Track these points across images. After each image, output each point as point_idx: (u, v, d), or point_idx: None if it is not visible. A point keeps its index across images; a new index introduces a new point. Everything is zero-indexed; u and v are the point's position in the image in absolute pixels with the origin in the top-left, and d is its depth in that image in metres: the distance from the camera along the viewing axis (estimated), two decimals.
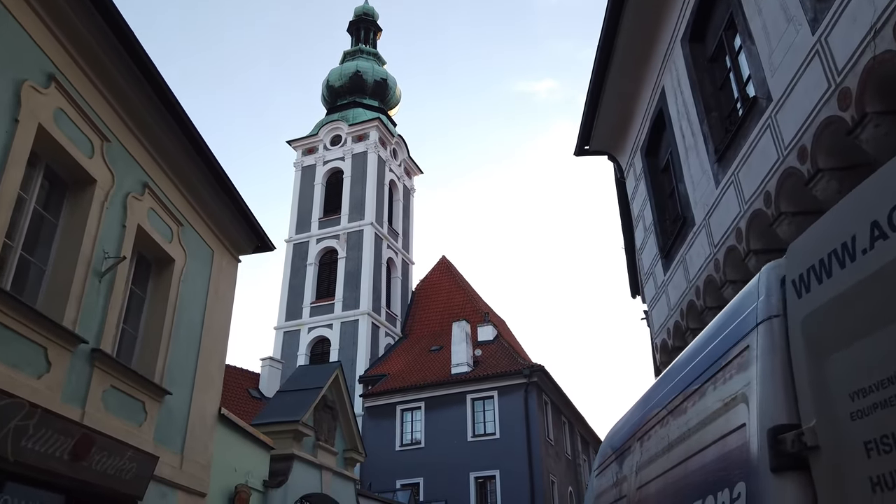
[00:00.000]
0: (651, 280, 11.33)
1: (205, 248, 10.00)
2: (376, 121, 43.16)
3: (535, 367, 30.50)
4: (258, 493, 11.38)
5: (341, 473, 14.67)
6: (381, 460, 31.00)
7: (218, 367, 10.17)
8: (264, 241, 11.32)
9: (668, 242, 10.02)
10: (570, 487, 33.80)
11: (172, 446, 8.70)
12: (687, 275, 9.30)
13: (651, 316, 11.56)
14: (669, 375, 4.39)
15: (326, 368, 14.89)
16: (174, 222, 9.02)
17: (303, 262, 40.83)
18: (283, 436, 12.72)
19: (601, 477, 6.07)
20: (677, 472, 3.85)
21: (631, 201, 12.31)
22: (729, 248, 7.77)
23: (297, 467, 12.79)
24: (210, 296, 10.04)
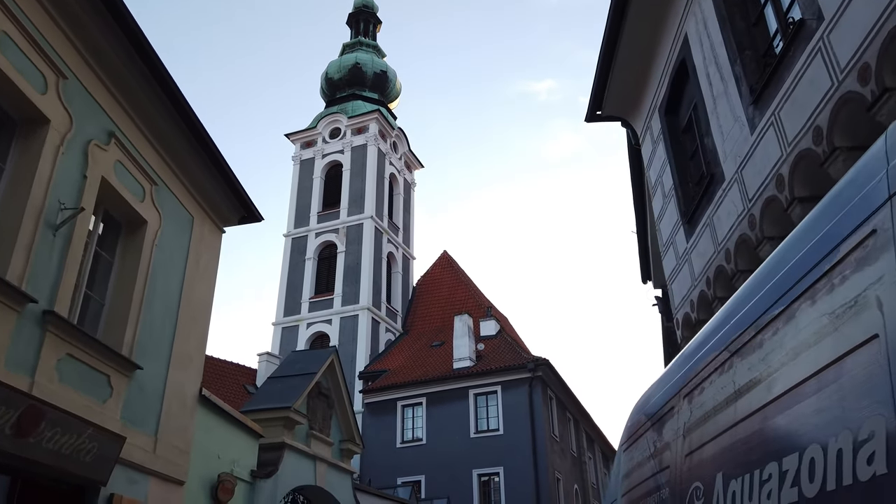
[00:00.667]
0: (671, 251, 10.44)
1: (183, 213, 9.12)
2: (376, 113, 42.30)
3: (539, 360, 29.59)
4: (245, 483, 10.49)
5: (337, 465, 13.76)
6: (382, 458, 30.13)
7: (198, 345, 9.28)
8: (251, 211, 10.43)
9: (692, 206, 9.14)
10: (576, 485, 32.87)
11: (144, 427, 7.81)
12: (714, 238, 8.42)
13: (671, 290, 10.67)
14: (730, 311, 3.49)
15: (321, 354, 14.00)
16: (146, 180, 8.14)
17: (301, 256, 39.96)
18: (274, 423, 11.82)
19: (632, 451, 5.15)
20: (751, 424, 2.93)
21: (647, 168, 11.42)
22: (767, 200, 6.88)
23: (288, 457, 11.88)
24: (190, 266, 9.15)
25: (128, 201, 7.69)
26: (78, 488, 6.76)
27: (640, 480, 4.76)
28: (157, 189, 8.36)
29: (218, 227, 10.12)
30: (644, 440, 4.82)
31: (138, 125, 7.87)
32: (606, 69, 10.76)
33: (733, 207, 7.77)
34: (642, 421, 4.97)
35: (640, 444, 4.89)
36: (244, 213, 10.45)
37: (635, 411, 5.36)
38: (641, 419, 5.01)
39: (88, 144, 6.94)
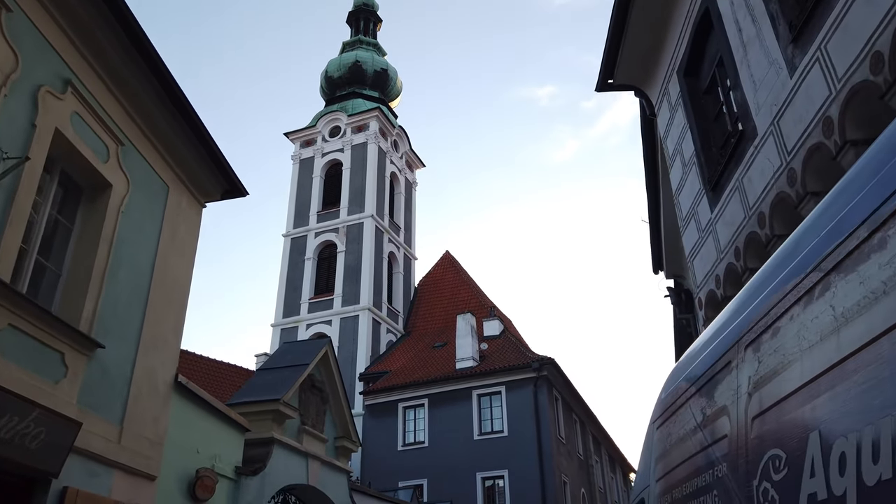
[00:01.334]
0: (692, 225, 9.59)
1: (156, 181, 8.27)
2: (376, 111, 41.55)
3: (544, 359, 28.66)
4: (228, 480, 9.61)
5: (332, 464, 12.87)
6: (383, 461, 29.25)
7: (174, 327, 8.42)
8: (234, 185, 9.59)
9: (717, 172, 8.30)
10: (583, 489, 31.90)
11: (107, 414, 6.95)
12: (744, 202, 7.57)
13: (692, 267, 9.81)
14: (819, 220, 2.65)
15: (314, 345, 13.13)
16: (111, 139, 7.29)
17: (301, 256, 39.18)
18: (262, 417, 10.95)
19: (669, 426, 4.28)
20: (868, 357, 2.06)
21: (664, 139, 10.58)
22: (811, 150, 6.03)
23: (277, 454, 11.01)
24: (164, 240, 8.29)
25: (88, 160, 6.85)
26: (26, 480, 5.90)
27: (683, 458, 3.88)
28: (124, 150, 7.52)
29: (198, 200, 9.27)
30: (686, 410, 3.94)
31: (100, 75, 7.03)
32: (619, 31, 9.96)
33: (768, 165, 6.92)
34: (683, 388, 4.10)
35: (681, 415, 4.01)
36: (227, 186, 9.60)
37: (671, 379, 4.50)
38: (681, 387, 4.14)
39: (39, 90, 6.10)
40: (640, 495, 4.67)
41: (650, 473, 4.52)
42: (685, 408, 3.98)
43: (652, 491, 4.35)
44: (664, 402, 4.46)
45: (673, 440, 4.08)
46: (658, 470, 4.31)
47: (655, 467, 4.38)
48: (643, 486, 4.59)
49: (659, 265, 17.46)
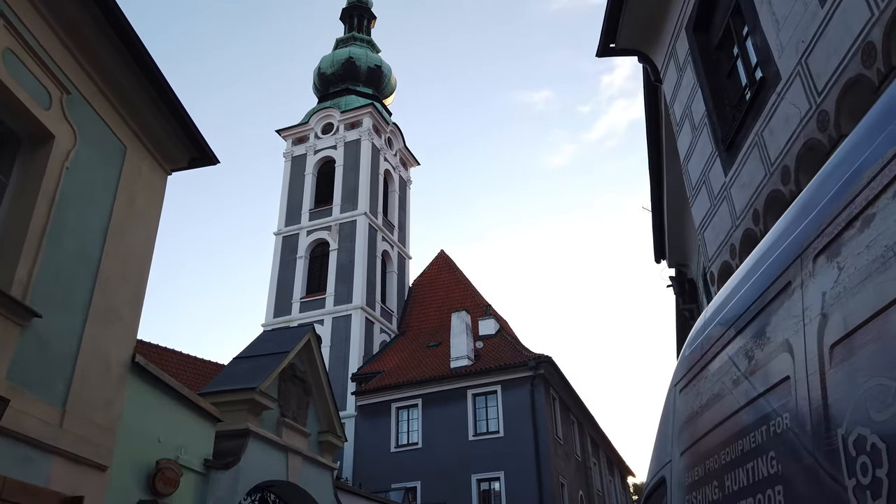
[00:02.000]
0: (702, 193, 8.80)
1: (110, 139, 7.44)
2: (370, 107, 40.78)
3: (541, 358, 27.83)
4: (195, 474, 8.76)
5: (314, 459, 12.01)
6: (376, 463, 28.40)
7: (132, 301, 7.59)
8: (203, 152, 8.76)
9: (731, 130, 7.51)
10: (581, 492, 31.04)
11: (45, 394, 6.11)
12: (765, 158, 6.78)
13: (702, 240, 9.02)
14: None
15: (296, 332, 12.29)
16: (55, 85, 6.47)
17: (292, 255, 38.33)
18: (236, 407, 10.11)
19: (697, 385, 3.48)
20: None
21: (671, 104, 9.79)
22: (847, 85, 5.24)
23: (253, 447, 10.17)
24: (120, 205, 7.47)
25: (25, 105, 6.02)
26: None
27: (721, 419, 3.06)
28: (71, 100, 6.70)
29: (161, 166, 8.44)
30: (722, 361, 3.14)
31: (39, 10, 6.21)
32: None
33: (793, 112, 6.13)
34: (716, 336, 3.30)
35: (715, 369, 3.22)
36: (195, 153, 8.78)
37: (698, 331, 3.69)
38: (714, 334, 3.35)
39: None
40: (658, 474, 3.86)
41: (671, 447, 3.72)
42: (720, 358, 3.18)
43: (676, 466, 3.54)
44: (690, 358, 3.65)
45: (704, 401, 3.28)
46: (683, 440, 3.50)
47: (679, 438, 3.57)
48: (663, 463, 3.77)
49: (661, 254, 16.72)
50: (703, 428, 3.20)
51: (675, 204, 13.81)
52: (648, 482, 4.14)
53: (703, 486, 3.09)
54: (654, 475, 3.98)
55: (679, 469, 3.46)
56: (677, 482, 3.45)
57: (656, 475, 3.93)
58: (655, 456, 4.03)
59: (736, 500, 2.71)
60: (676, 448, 3.55)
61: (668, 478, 3.61)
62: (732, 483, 2.74)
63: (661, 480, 3.77)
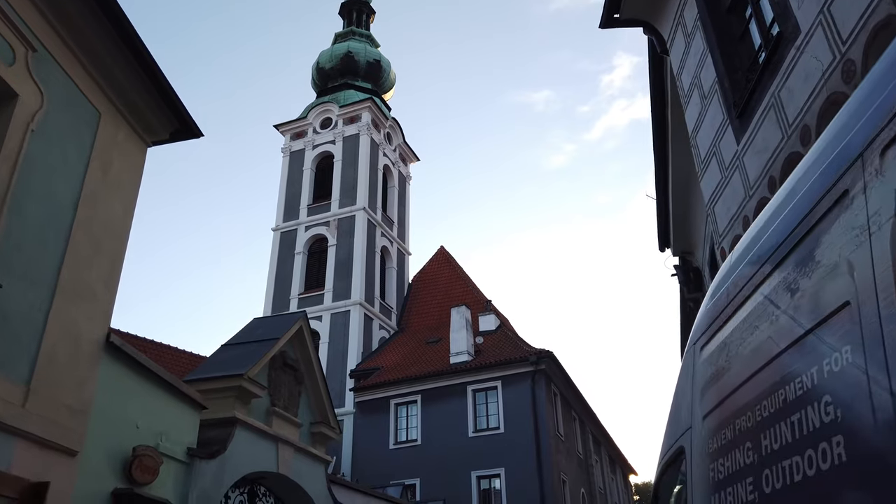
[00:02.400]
0: (713, 165, 8.34)
1: (83, 104, 6.99)
2: (369, 101, 40.31)
3: (542, 353, 27.35)
4: (177, 462, 8.30)
5: (306, 451, 11.54)
6: (374, 460, 27.93)
7: (106, 277, 7.13)
8: (185, 124, 8.30)
9: (745, 94, 7.05)
10: (583, 489, 30.56)
11: (8, 371, 5.65)
12: (782, 120, 6.32)
13: (713, 214, 8.55)
14: None
15: (287, 319, 11.82)
16: (19, 41, 6.01)
17: (290, 251, 37.87)
18: (223, 395, 9.66)
19: (723, 336, 3.00)
20: None
21: (678, 75, 9.33)
22: (877, 28, 4.79)
23: (241, 436, 9.71)
24: (93, 174, 7.00)
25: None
26: None
27: (754, 370, 2.60)
28: (38, 58, 6.24)
29: (140, 137, 7.97)
30: (753, 304, 2.60)
31: None
32: None
33: (814, 65, 5.68)
34: (748, 274, 2.83)
35: (746, 314, 2.69)
36: (177, 125, 8.31)
37: (725, 274, 3.23)
38: (745, 274, 2.89)
39: None
40: (675, 445, 3.40)
41: (691, 412, 3.26)
42: (753, 300, 2.72)
43: (697, 433, 3.08)
44: (713, 309, 3.20)
45: (733, 352, 2.82)
46: (707, 402, 3.03)
47: (702, 400, 3.10)
48: (681, 431, 3.31)
49: (665, 242, 16.28)
50: (733, 383, 2.75)
51: (680, 190, 13.36)
52: (663, 456, 3.68)
53: (731, 450, 2.63)
54: (670, 447, 3.52)
55: (701, 435, 3.01)
56: (699, 450, 2.99)
57: (672, 447, 3.47)
58: (671, 426, 3.57)
59: (777, 461, 2.26)
60: (698, 412, 3.09)
61: (688, 447, 3.15)
62: (772, 441, 2.29)
63: (679, 452, 3.31)
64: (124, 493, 7.01)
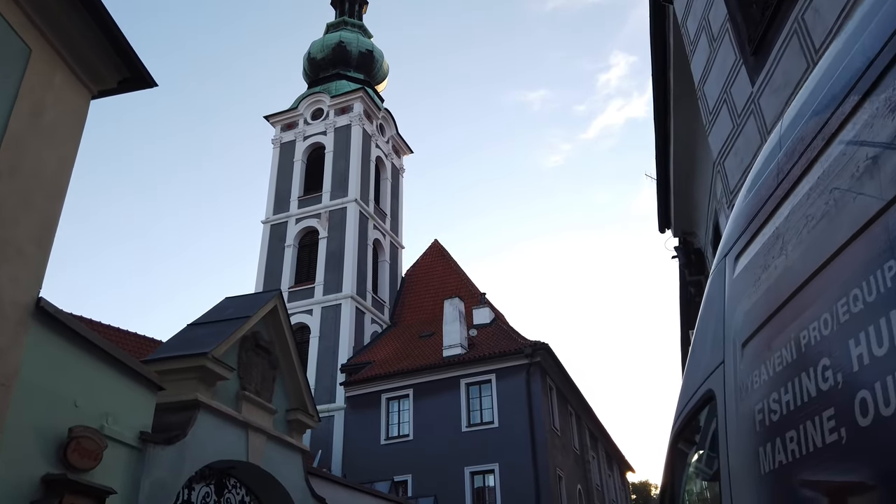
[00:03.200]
0: (723, 114, 7.51)
1: (8, 35, 6.12)
2: (361, 91, 39.45)
3: (537, 345, 26.53)
4: (127, 448, 7.43)
5: (281, 439, 10.69)
6: (365, 456, 27.12)
7: (38, 234, 6.27)
8: (137, 72, 7.44)
9: (760, 28, 6.23)
10: (580, 486, 29.74)
11: None
12: (808, 46, 5.48)
13: (723, 170, 7.73)
14: None
15: (260, 297, 10.97)
16: None
17: (281, 243, 37.01)
18: (185, 376, 8.80)
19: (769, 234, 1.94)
20: None
21: (683, 22, 8.49)
22: None
23: (204, 421, 8.85)
24: (20, 117, 6.14)
25: None
26: None
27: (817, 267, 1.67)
28: None
29: (83, 82, 7.11)
30: (811, 182, 1.72)
31: None
32: None
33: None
34: (798, 149, 1.88)
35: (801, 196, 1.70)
36: (126, 72, 7.45)
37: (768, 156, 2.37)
38: (796, 148, 1.99)
39: None
40: (699, 390, 2.55)
41: (723, 343, 2.40)
42: (811, 177, 1.87)
43: (734, 366, 2.22)
44: (752, 204, 2.38)
45: (790, 245, 1.95)
46: (748, 323, 2.17)
47: (742, 323, 2.23)
48: (709, 370, 2.46)
49: (666, 223, 15.50)
50: (789, 288, 1.90)
51: (682, 165, 12.57)
52: (679, 413, 2.83)
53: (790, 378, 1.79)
54: (690, 398, 2.68)
55: (740, 369, 2.17)
56: (737, 389, 2.15)
57: (693, 396, 2.62)
58: (692, 370, 2.72)
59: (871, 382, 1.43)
60: (734, 340, 2.25)
61: (719, 389, 2.30)
62: (871, 345, 1.46)
63: (705, 399, 2.46)
64: (56, 480, 6.16)
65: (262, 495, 10.49)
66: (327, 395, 31.04)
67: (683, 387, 2.84)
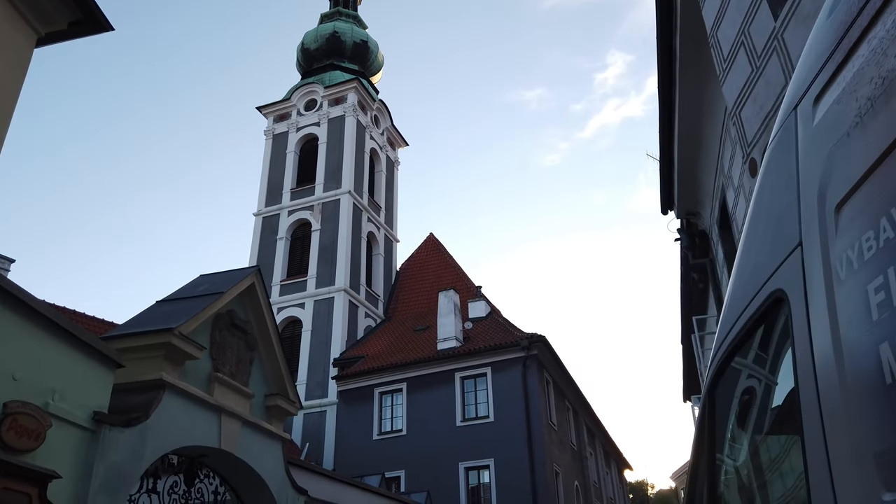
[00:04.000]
0: (740, 59, 6.79)
1: None
2: (354, 82, 38.72)
3: (534, 337, 25.82)
4: (78, 428, 6.69)
5: (258, 425, 9.94)
6: (357, 451, 26.41)
7: None
8: (90, 14, 6.71)
9: None
10: (577, 482, 29.05)
11: None
12: None
13: (739, 119, 7.02)
14: None
15: (235, 274, 10.22)
16: None
17: (273, 236, 36.28)
18: (149, 354, 8.06)
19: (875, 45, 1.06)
20: None
21: None
22: None
23: (170, 403, 8.10)
24: None
25: None
26: None
27: None
28: None
29: (26, 19, 6.37)
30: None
31: None
32: None
33: None
34: None
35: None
36: (78, 14, 6.71)
37: None
38: None
39: None
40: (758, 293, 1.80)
41: (798, 220, 1.63)
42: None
43: (821, 238, 1.46)
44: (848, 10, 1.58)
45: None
46: (844, 179, 1.38)
47: (833, 182, 1.46)
48: (779, 259, 1.70)
49: (669, 204, 14.80)
50: None
51: (687, 141, 11.88)
52: (723, 340, 2.09)
53: None
54: (740, 313, 1.93)
55: (836, 244, 1.43)
56: (828, 274, 1.42)
57: (746, 308, 1.88)
58: (743, 278, 1.99)
59: None
60: (824, 205, 1.51)
61: (796, 283, 1.56)
62: None
63: (769, 306, 1.73)
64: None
65: (238, 485, 9.76)
66: (319, 389, 30.34)
67: (727, 312, 2.10)
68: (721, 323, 2.11)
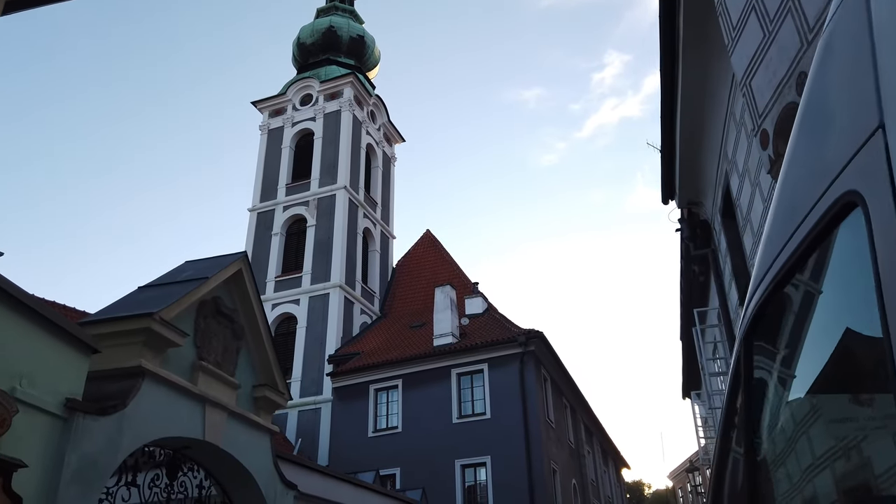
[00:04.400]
0: (751, 24, 6.41)
1: None
2: (351, 77, 38.31)
3: (531, 333, 25.44)
4: (48, 416, 6.30)
5: (244, 417, 9.55)
6: (352, 449, 26.03)
7: None
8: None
9: None
10: (574, 480, 28.69)
11: None
12: None
13: (749, 93, 6.67)
14: None
15: (221, 259, 9.83)
16: None
17: (268, 232, 35.87)
18: (127, 340, 7.67)
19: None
20: None
21: None
22: None
23: (150, 392, 7.71)
24: None
25: None
26: None
27: None
28: None
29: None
30: None
31: None
32: None
33: None
34: None
35: None
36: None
37: None
38: None
39: None
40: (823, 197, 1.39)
41: (877, 94, 1.22)
42: None
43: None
44: None
45: None
46: None
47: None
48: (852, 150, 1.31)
49: (670, 193, 14.43)
50: None
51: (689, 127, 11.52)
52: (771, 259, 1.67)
53: None
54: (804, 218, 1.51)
55: None
56: None
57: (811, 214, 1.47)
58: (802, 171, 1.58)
59: None
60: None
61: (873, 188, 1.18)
62: None
63: (834, 215, 1.34)
64: None
65: (224, 479, 9.38)
66: (314, 386, 29.97)
67: (770, 234, 1.70)
68: (762, 251, 1.73)
